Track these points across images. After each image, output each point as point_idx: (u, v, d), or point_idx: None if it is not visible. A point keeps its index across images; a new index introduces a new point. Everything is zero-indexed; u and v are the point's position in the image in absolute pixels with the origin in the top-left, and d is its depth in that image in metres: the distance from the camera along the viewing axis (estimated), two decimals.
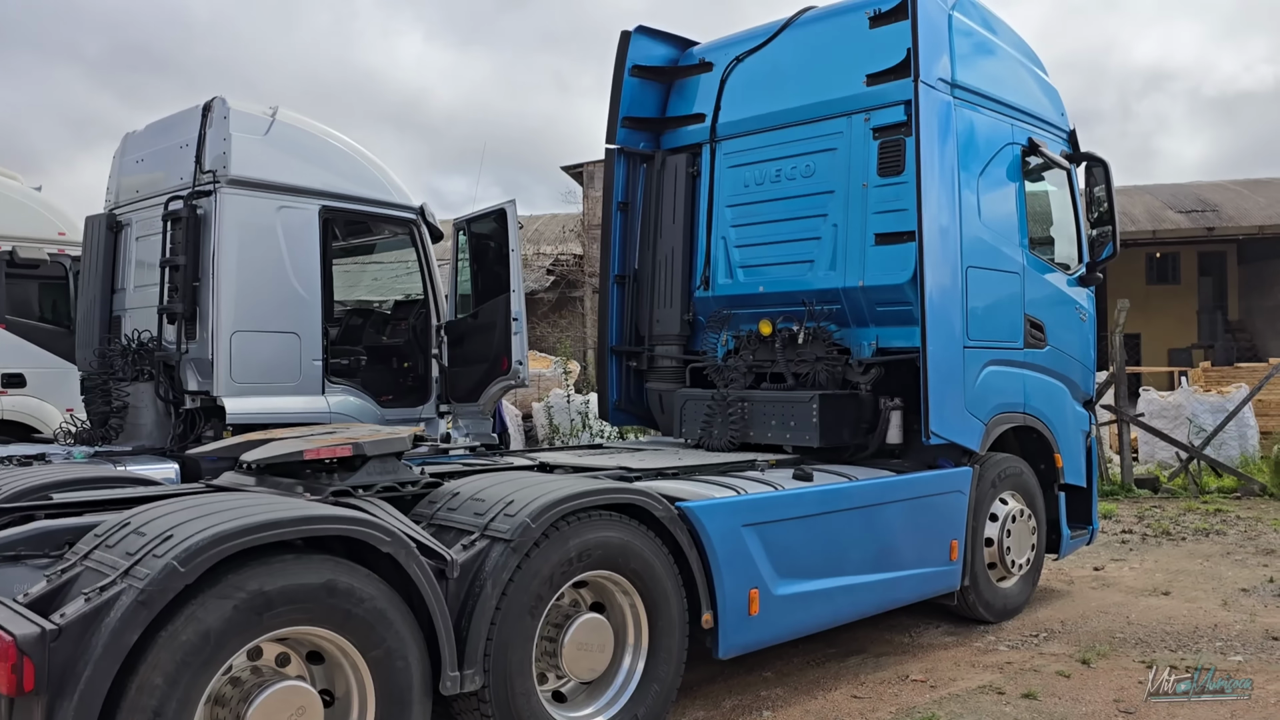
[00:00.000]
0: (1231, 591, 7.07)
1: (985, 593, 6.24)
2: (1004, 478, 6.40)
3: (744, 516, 4.65)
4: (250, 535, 3.07)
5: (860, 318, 6.33)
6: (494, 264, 8.15)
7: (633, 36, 7.29)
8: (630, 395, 7.61)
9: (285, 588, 3.16)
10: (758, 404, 6.37)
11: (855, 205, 6.28)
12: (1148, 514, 10.12)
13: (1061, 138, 7.07)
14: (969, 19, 6.28)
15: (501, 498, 3.98)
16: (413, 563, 3.47)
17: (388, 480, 4.23)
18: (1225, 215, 27.08)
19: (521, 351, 7.81)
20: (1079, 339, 7.07)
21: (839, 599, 5.11)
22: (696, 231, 7.17)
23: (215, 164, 7.07)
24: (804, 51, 6.74)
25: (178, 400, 7.22)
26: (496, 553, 3.75)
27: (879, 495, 5.45)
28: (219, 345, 6.90)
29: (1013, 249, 6.43)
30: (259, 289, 7.13)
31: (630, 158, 7.43)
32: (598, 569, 4.08)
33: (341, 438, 4.34)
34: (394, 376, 8.46)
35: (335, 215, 7.74)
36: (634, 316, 7.52)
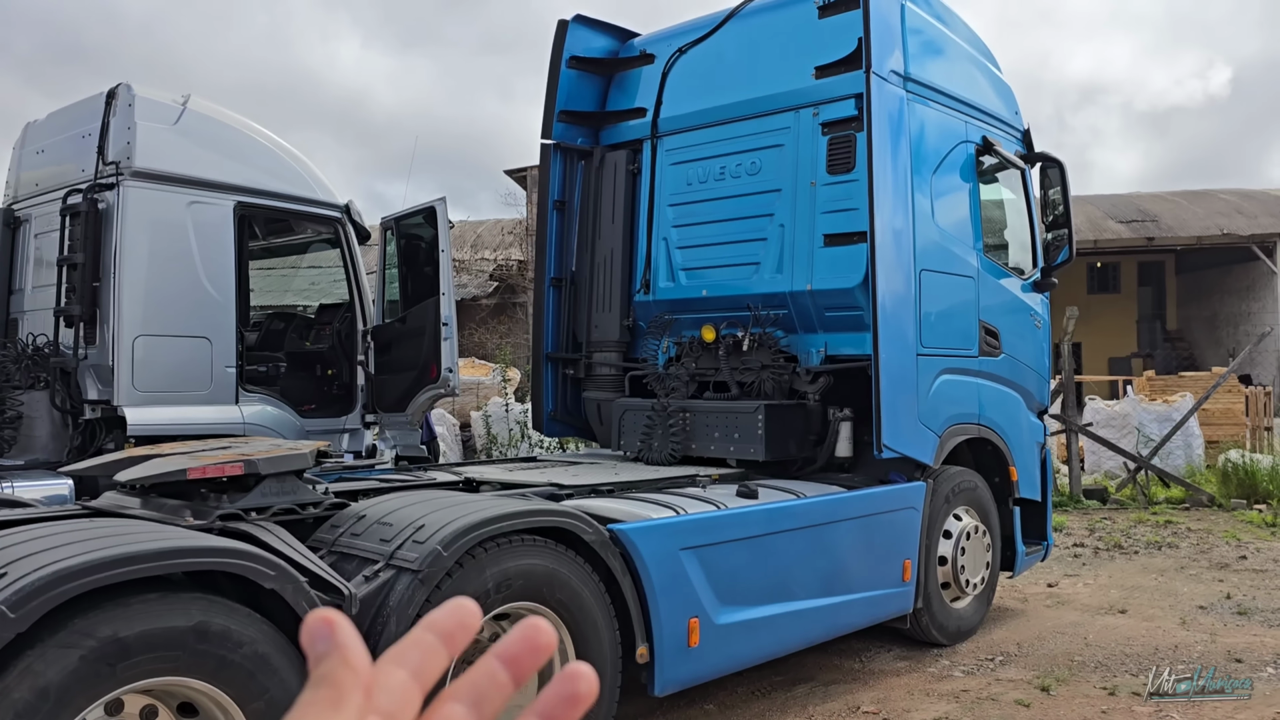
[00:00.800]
0: (1189, 609, 6.84)
1: (939, 614, 5.92)
2: (958, 492, 6.10)
3: (683, 539, 4.27)
4: (98, 573, 2.61)
5: (808, 323, 5.99)
6: (423, 265, 7.70)
7: (570, 26, 6.89)
8: (567, 405, 7.20)
9: (146, 633, 2.70)
10: (700, 414, 6.00)
11: (803, 204, 5.95)
12: (1098, 526, 9.93)
13: (1016, 137, 6.82)
14: (922, 10, 5.98)
15: (411, 522, 3.55)
16: (301, 599, 3.03)
17: (285, 501, 3.77)
18: (1165, 225, 27.42)
19: (451, 358, 7.35)
20: (1034, 347, 6.82)
21: (786, 626, 4.75)
22: (637, 232, 6.80)
23: (119, 155, 6.56)
24: (750, 43, 6.40)
25: (75, 410, 6.68)
26: (402, 585, 3.32)
27: (828, 513, 5.10)
28: (120, 350, 6.39)
29: (967, 252, 6.15)
30: (166, 290, 6.63)
31: (567, 154, 7.03)
32: (519, 600, 3.66)
33: (234, 454, 3.87)
34: (317, 385, 7.97)
35: (252, 212, 7.25)
36: (571, 322, 7.11)
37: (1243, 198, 29.40)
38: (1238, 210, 27.85)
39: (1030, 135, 6.90)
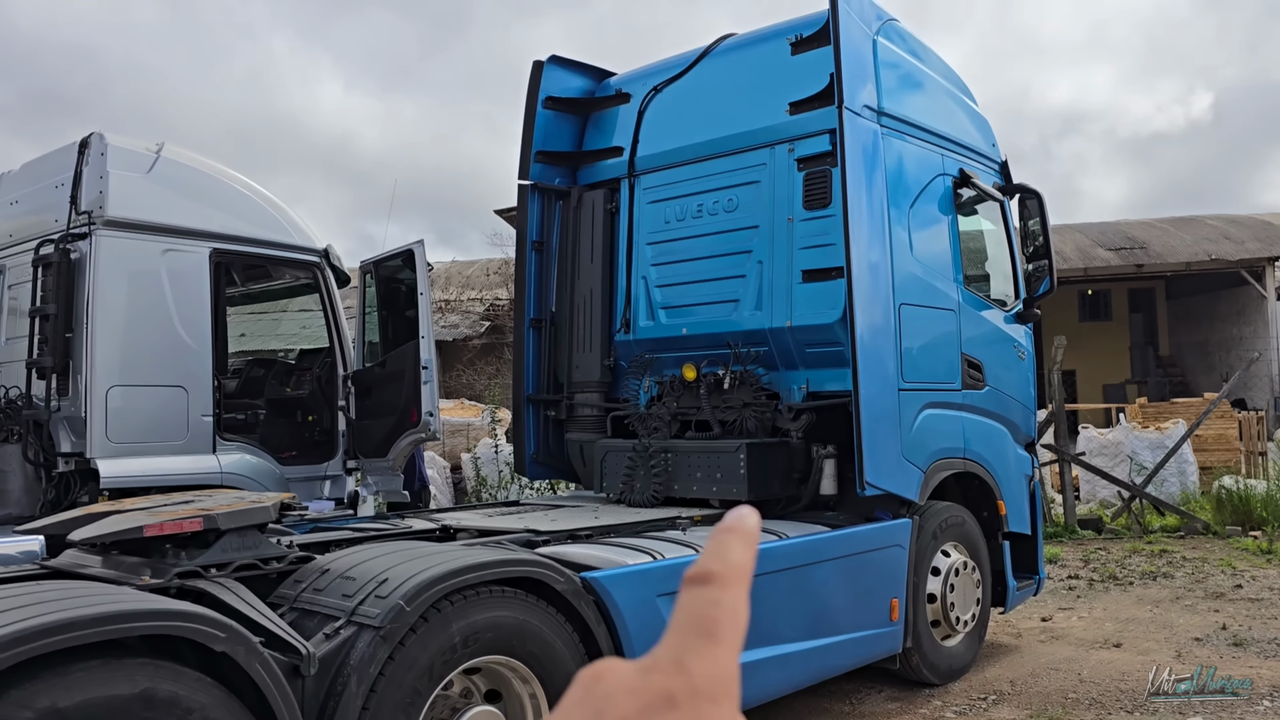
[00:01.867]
0: (1185, 641, 6.71)
1: (929, 653, 5.79)
2: (945, 528, 5.99)
3: (659, 585, 4.16)
4: (34, 641, 2.50)
5: (789, 360, 5.92)
6: (403, 308, 7.63)
7: (546, 67, 6.88)
8: (550, 447, 7.10)
9: (87, 702, 2.59)
10: (682, 454, 5.91)
11: (781, 241, 5.90)
12: (1093, 557, 9.81)
13: (994, 169, 6.79)
14: (895, 45, 5.97)
15: (375, 575, 3.45)
16: (255, 661, 2.92)
17: (245, 557, 3.66)
18: (1153, 252, 27.51)
19: (432, 402, 7.25)
20: (1019, 378, 6.74)
21: (770, 672, 4.62)
22: (616, 271, 6.74)
23: (91, 204, 6.50)
24: (724, 80, 6.39)
25: (49, 463, 6.56)
26: (364, 642, 3.21)
27: (812, 554, 4.99)
28: (93, 401, 6.30)
29: (947, 285, 6.09)
30: (140, 339, 6.55)
31: (545, 194, 6.99)
32: (488, 654, 3.55)
33: (194, 509, 3.77)
34: (297, 431, 7.86)
35: (228, 259, 7.20)
36: (552, 362, 7.03)
37: (1229, 223, 29.54)
38: (1225, 236, 27.96)
39: (1008, 167, 6.88)
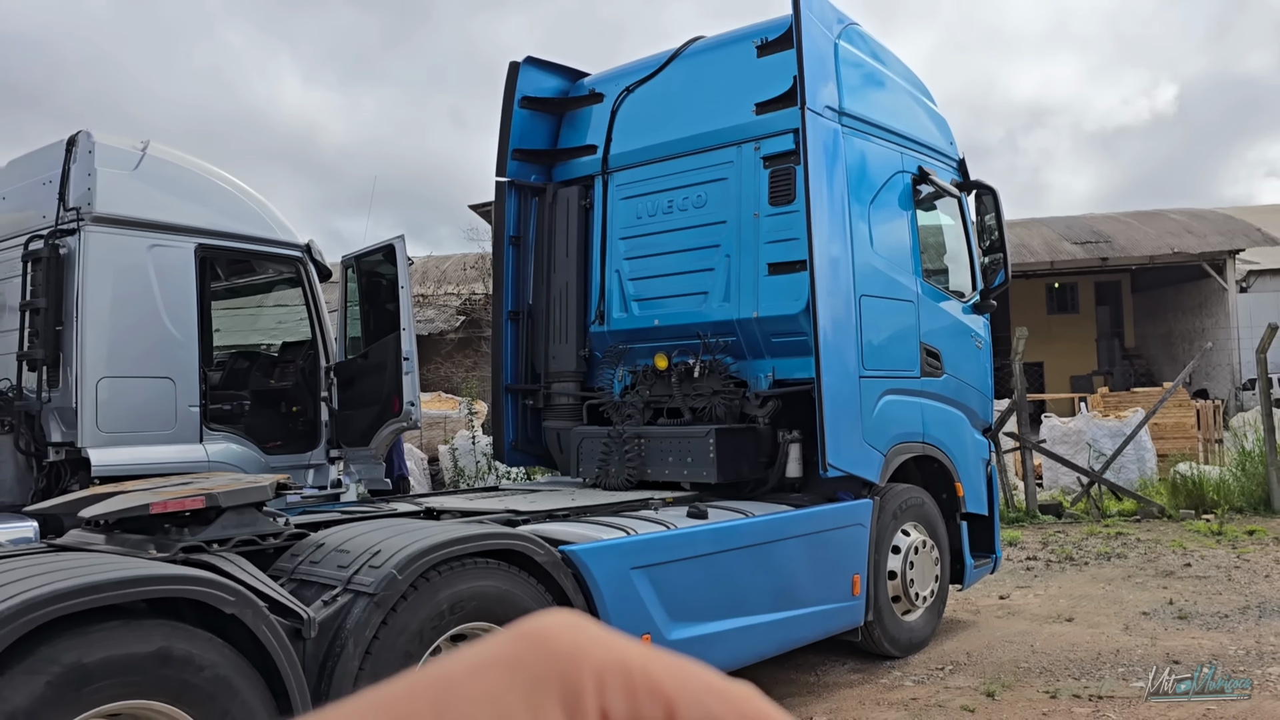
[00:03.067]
0: (1133, 615, 7.07)
1: (890, 627, 6.11)
2: (905, 509, 6.31)
3: (633, 558, 4.44)
4: (63, 602, 2.75)
5: (756, 349, 6.21)
6: (384, 302, 7.85)
7: (522, 68, 7.13)
8: (528, 435, 7.37)
9: (109, 659, 2.84)
10: (654, 440, 6.19)
11: (748, 235, 6.19)
12: (1052, 540, 10.19)
13: (952, 166, 7.10)
14: (856, 48, 6.26)
15: (368, 548, 3.71)
16: (261, 623, 3.18)
17: (245, 533, 3.91)
18: (1118, 246, 28.06)
19: (413, 392, 7.49)
20: (976, 367, 7.07)
21: (738, 641, 4.92)
22: (590, 265, 7.01)
23: (79, 201, 6.66)
24: (694, 81, 6.66)
25: (40, 453, 6.73)
26: (359, 608, 3.47)
27: (775, 531, 5.29)
28: (84, 393, 6.47)
29: (906, 277, 6.40)
30: (128, 332, 6.73)
31: (521, 191, 7.24)
32: (473, 621, 3.82)
33: (195, 488, 4.01)
34: (281, 421, 8.06)
35: (213, 253, 7.37)
36: (529, 353, 7.29)
37: (1192, 217, 30.17)
38: (1187, 230, 28.57)
39: (966, 164, 7.19)
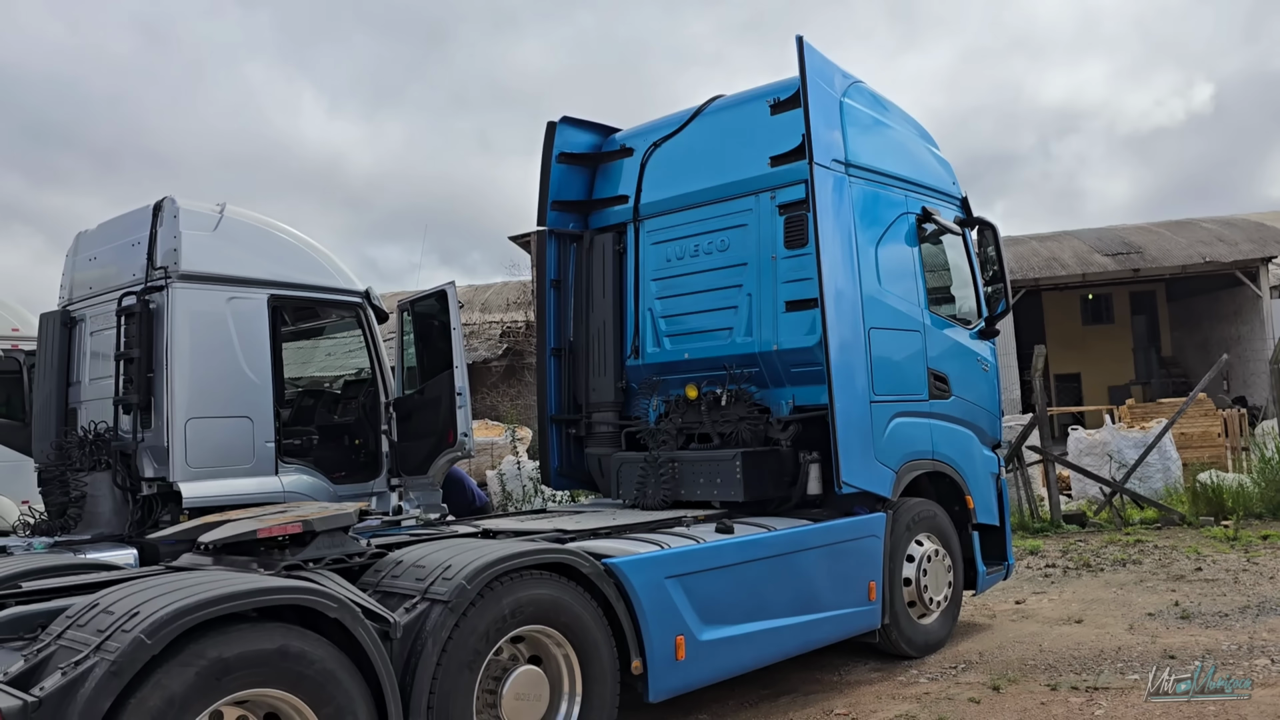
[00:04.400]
0: (1139, 616, 7.57)
1: (906, 629, 6.68)
2: (918, 521, 6.88)
3: (667, 569, 5.07)
4: (209, 608, 3.44)
5: (777, 379, 6.83)
6: (437, 341, 8.58)
7: (558, 126, 7.85)
8: (571, 460, 8.03)
9: (242, 654, 3.52)
10: (687, 464, 6.82)
11: (766, 276, 6.82)
12: (1072, 548, 10.66)
13: (955, 205, 7.69)
14: (859, 104, 6.90)
15: (440, 564, 4.38)
16: (358, 626, 3.85)
17: (335, 553, 4.60)
18: (1149, 256, 28.25)
19: (466, 424, 8.19)
20: (983, 388, 7.63)
21: (762, 641, 5.53)
22: (625, 304, 7.67)
23: (166, 260, 7.43)
24: (715, 136, 7.33)
25: (135, 487, 7.48)
26: (436, 613, 4.13)
27: (796, 543, 5.90)
28: (174, 432, 7.21)
29: (913, 309, 6.99)
30: (212, 377, 7.47)
31: (561, 238, 7.95)
32: (531, 624, 4.47)
33: (292, 515, 4.71)
34: (346, 453, 8.78)
35: (283, 303, 8.13)
36: (571, 386, 7.97)
37: (1224, 225, 30.28)
38: (1219, 238, 28.72)
39: (968, 202, 7.78)
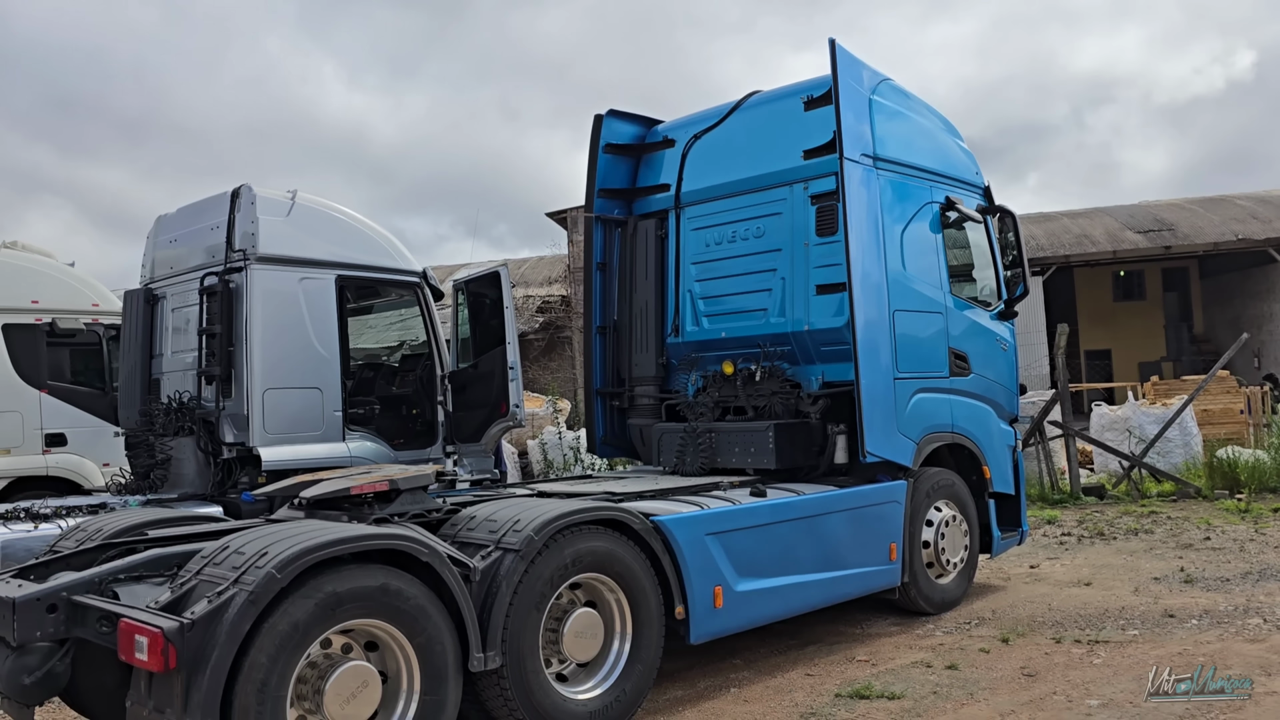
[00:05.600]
0: (1144, 580, 8.10)
1: (925, 588, 7.25)
2: (937, 488, 7.43)
3: (707, 527, 5.68)
4: (328, 549, 4.09)
5: (808, 357, 7.39)
6: (490, 319, 9.20)
7: (605, 119, 8.41)
8: (615, 430, 8.65)
9: (352, 589, 4.17)
10: (723, 434, 7.41)
11: (799, 261, 7.37)
12: (1088, 518, 11.17)
13: (977, 193, 8.18)
14: (888, 100, 7.39)
15: (510, 518, 5.00)
16: (445, 569, 4.49)
17: (417, 509, 5.25)
18: (1181, 234, 28.34)
19: (518, 396, 8.83)
20: (1002, 366, 8.14)
21: (791, 594, 6.13)
22: (666, 286, 8.25)
23: (245, 243, 8.09)
24: (752, 130, 7.86)
25: (216, 451, 8.20)
26: (508, 561, 4.77)
27: (822, 507, 6.49)
28: (253, 401, 7.90)
29: (935, 291, 7.51)
30: (286, 351, 8.15)
31: (606, 224, 8.53)
32: (589, 572, 5.10)
33: (378, 475, 5.36)
34: (404, 422, 9.46)
35: (349, 282, 8.79)
36: (615, 361, 8.57)
37: (1258, 202, 30.25)
38: (1253, 215, 28.74)
39: (990, 191, 8.26)
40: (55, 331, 10.76)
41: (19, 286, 10.58)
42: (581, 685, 5.12)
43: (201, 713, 3.71)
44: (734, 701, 5.58)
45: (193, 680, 3.76)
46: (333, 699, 4.12)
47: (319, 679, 4.14)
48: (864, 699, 5.44)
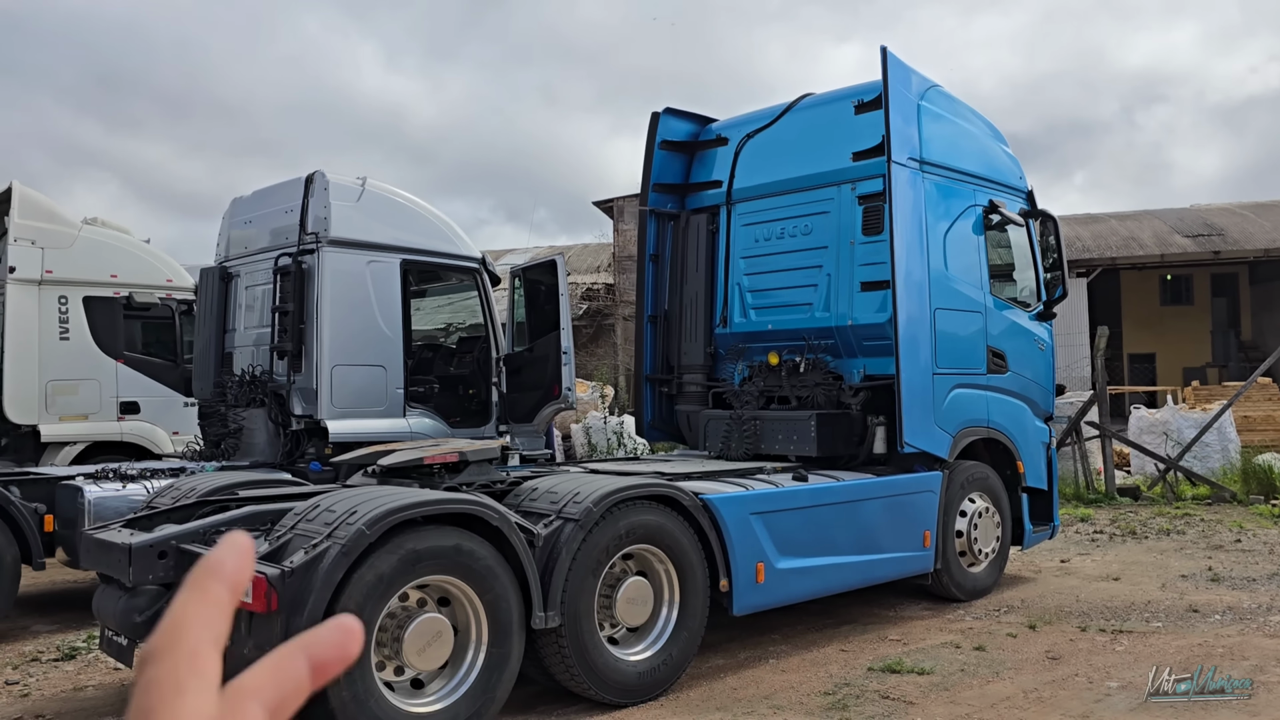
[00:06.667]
0: (1172, 577, 8.35)
1: (956, 575, 7.57)
2: (972, 481, 7.74)
3: (752, 507, 6.05)
4: (411, 509, 4.52)
5: (851, 350, 7.72)
6: (544, 305, 9.62)
7: (661, 117, 8.77)
8: (662, 416, 9.04)
9: (430, 547, 4.60)
10: (767, 422, 7.77)
11: (845, 258, 7.69)
12: (1121, 518, 11.38)
13: (1020, 197, 8.44)
14: (936, 106, 7.68)
15: (570, 490, 5.41)
16: (513, 534, 4.90)
17: (484, 479, 5.67)
18: (1230, 239, 28.13)
19: (570, 379, 9.25)
20: (1039, 365, 8.42)
21: (828, 573, 6.49)
22: (716, 278, 8.60)
23: (317, 227, 8.55)
24: (803, 131, 8.18)
25: (285, 423, 8.68)
26: (568, 529, 5.17)
27: (861, 493, 6.84)
28: (322, 377, 8.38)
29: (976, 291, 7.80)
30: (353, 330, 8.61)
31: (660, 217, 8.89)
32: (640, 543, 5.49)
33: (449, 447, 5.79)
34: (460, 401, 9.91)
35: (413, 266, 9.23)
36: (665, 349, 8.95)
37: None
38: None
39: (1033, 195, 8.52)
40: (131, 305, 11.33)
41: (99, 261, 11.15)
42: (631, 648, 5.52)
43: None
44: (772, 671, 5.95)
45: (291, 622, 4.21)
46: (410, 647, 4.55)
47: (398, 628, 4.57)
48: (895, 673, 5.79)
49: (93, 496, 7.33)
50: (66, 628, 7.47)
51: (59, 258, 10.77)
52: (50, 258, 10.69)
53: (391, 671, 4.57)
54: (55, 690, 5.89)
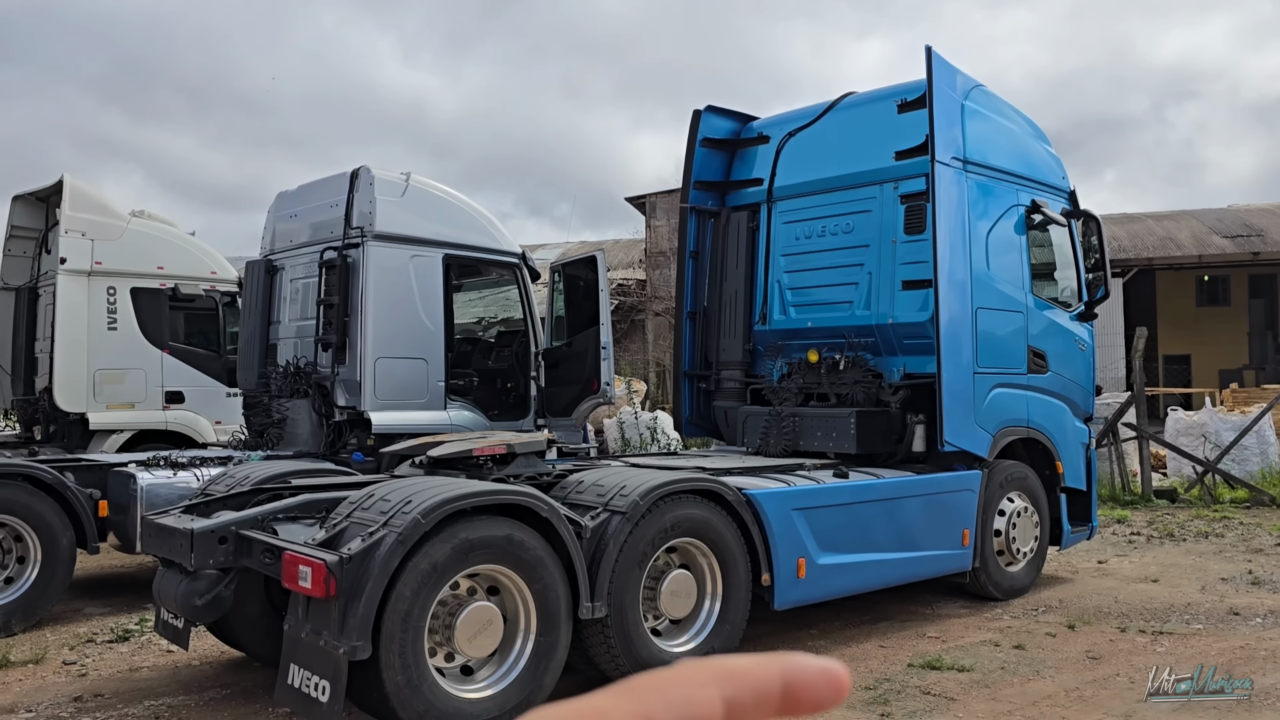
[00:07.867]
0: (1212, 580, 8.32)
1: (995, 574, 7.59)
2: (1010, 480, 7.75)
3: (794, 503, 6.11)
4: (465, 500, 4.61)
5: (890, 348, 7.75)
6: (584, 301, 9.71)
7: (703, 115, 8.82)
8: (701, 411, 9.10)
9: (482, 537, 4.69)
10: (806, 419, 7.81)
11: (886, 257, 7.72)
12: (1158, 520, 11.33)
13: (1063, 198, 8.43)
14: (979, 105, 7.68)
15: (616, 484, 5.49)
16: (562, 525, 4.99)
17: (531, 471, 5.76)
18: (1270, 240, 27.79)
19: (609, 374, 9.34)
20: (1079, 365, 8.40)
21: (868, 570, 6.53)
22: (756, 276, 8.65)
23: (362, 221, 8.68)
24: (846, 129, 8.21)
25: (329, 414, 8.83)
26: (615, 522, 5.25)
27: (900, 491, 6.87)
28: (365, 369, 8.51)
29: (1017, 291, 7.81)
30: (396, 323, 8.74)
31: (700, 214, 8.95)
32: (685, 536, 5.56)
33: (497, 439, 5.89)
34: (500, 394, 10.02)
35: (455, 261, 9.35)
36: (704, 346, 9.01)
37: None
38: None
39: (1076, 195, 8.50)
40: (177, 296, 11.54)
41: (147, 253, 11.36)
42: (674, 640, 5.60)
43: (356, 634, 4.26)
44: None
45: (349, 607, 4.31)
46: (462, 634, 4.65)
47: (450, 615, 4.67)
48: (935, 670, 5.83)
49: (145, 483, 7.51)
50: (118, 610, 7.65)
51: (108, 249, 10.98)
52: (100, 249, 10.91)
53: (443, 658, 4.67)
54: (111, 671, 6.05)
